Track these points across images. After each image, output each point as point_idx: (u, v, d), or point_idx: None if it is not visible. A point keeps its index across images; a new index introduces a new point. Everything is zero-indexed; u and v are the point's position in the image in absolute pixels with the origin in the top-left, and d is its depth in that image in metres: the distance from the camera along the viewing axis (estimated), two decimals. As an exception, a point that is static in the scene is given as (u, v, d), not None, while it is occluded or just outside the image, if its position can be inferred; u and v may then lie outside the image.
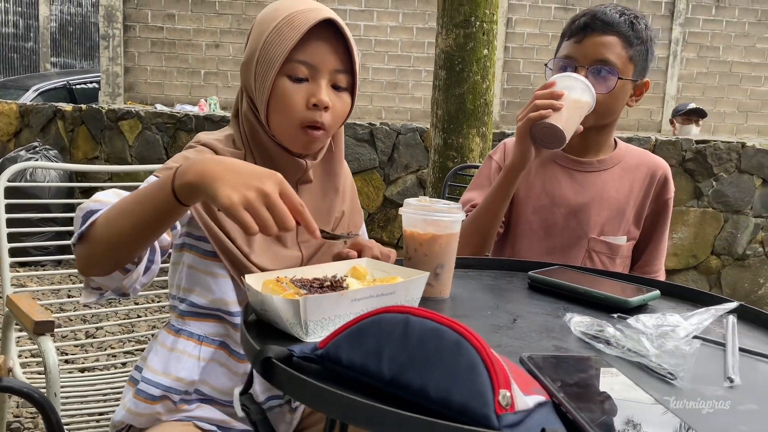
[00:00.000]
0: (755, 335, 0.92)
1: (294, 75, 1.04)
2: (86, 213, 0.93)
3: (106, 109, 4.26)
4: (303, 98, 1.04)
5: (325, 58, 1.04)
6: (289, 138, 1.08)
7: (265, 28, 1.05)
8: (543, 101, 1.24)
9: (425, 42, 6.53)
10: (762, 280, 4.20)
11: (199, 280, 1.08)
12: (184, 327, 1.10)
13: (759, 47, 7.11)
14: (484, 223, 1.40)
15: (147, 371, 1.10)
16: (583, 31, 1.38)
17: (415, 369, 0.61)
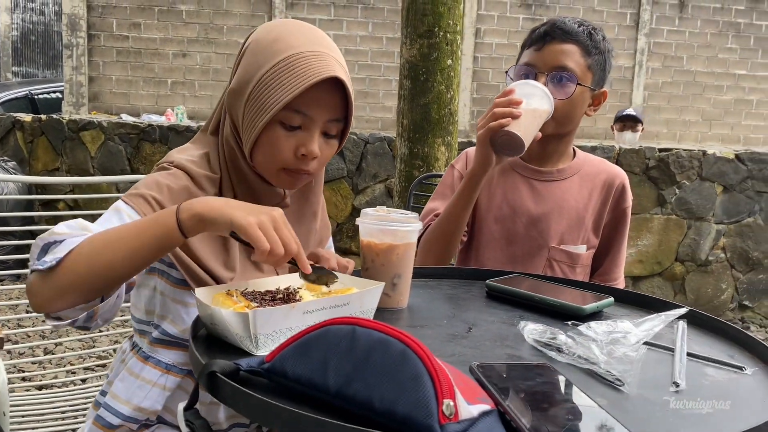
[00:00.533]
0: (704, 340, 0.94)
1: (288, 123, 1.01)
2: (46, 245, 0.90)
3: (67, 119, 4.19)
4: (293, 147, 1.02)
5: (323, 110, 1.01)
6: (270, 177, 1.06)
7: (261, 62, 1.01)
8: (502, 109, 1.25)
9: (395, 51, 6.57)
10: (724, 285, 4.29)
11: (171, 308, 1.06)
12: (153, 354, 1.07)
13: (721, 57, 7.29)
14: (447, 231, 1.40)
15: (110, 397, 1.07)
16: (543, 39, 1.40)
17: (360, 381, 0.60)
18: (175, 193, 1.01)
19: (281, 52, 0.99)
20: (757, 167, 4.21)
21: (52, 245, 0.90)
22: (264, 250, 0.83)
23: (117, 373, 1.11)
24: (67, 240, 0.89)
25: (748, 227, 4.26)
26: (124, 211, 0.97)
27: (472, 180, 1.34)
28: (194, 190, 1.03)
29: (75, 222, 0.94)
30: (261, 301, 0.87)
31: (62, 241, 0.89)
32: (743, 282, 4.31)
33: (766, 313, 4.34)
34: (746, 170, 4.20)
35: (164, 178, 1.02)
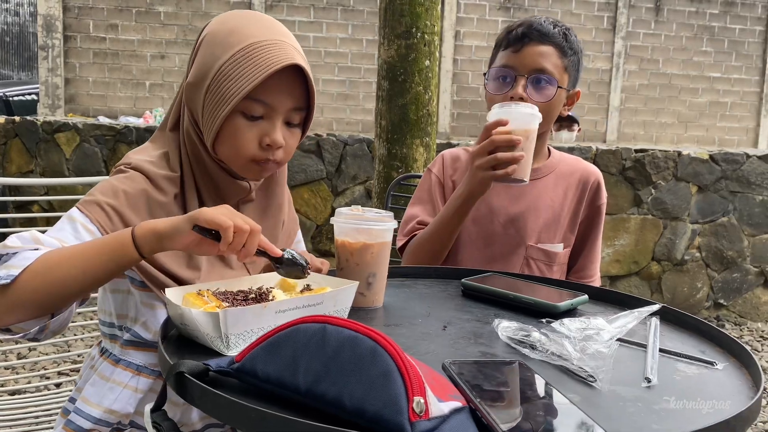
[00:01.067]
0: (676, 336, 0.95)
1: (249, 113, 1.00)
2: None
3: (42, 120, 4.12)
4: (256, 137, 1.01)
5: (284, 98, 1.01)
6: (238, 168, 1.05)
7: (218, 53, 1.00)
8: (505, 155, 1.21)
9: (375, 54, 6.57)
10: (700, 284, 4.34)
11: (142, 311, 1.04)
12: (125, 357, 1.06)
13: (696, 60, 7.40)
14: (438, 244, 1.40)
15: (80, 402, 1.05)
16: (520, 41, 1.39)
17: (330, 379, 0.59)
18: (131, 197, 1.00)
19: (239, 43, 0.99)
20: (731, 168, 4.28)
21: (3, 257, 0.88)
22: (227, 227, 0.83)
23: (87, 378, 1.09)
24: (20, 253, 0.88)
25: (723, 227, 4.32)
26: (78, 220, 0.96)
27: (469, 202, 1.32)
28: (152, 192, 1.01)
29: (27, 234, 0.92)
30: (233, 301, 0.86)
31: (15, 254, 0.87)
32: (718, 281, 4.37)
33: (740, 311, 4.41)
34: (720, 170, 4.27)
35: (121, 183, 1.00)
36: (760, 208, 4.34)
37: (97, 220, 0.96)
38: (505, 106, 1.26)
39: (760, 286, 4.42)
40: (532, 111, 1.25)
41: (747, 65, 7.46)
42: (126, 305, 1.06)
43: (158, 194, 1.02)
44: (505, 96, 1.39)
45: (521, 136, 1.22)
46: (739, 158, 4.29)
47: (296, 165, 4.00)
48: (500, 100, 1.39)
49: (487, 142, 1.23)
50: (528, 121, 1.25)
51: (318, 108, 6.78)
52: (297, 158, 4.00)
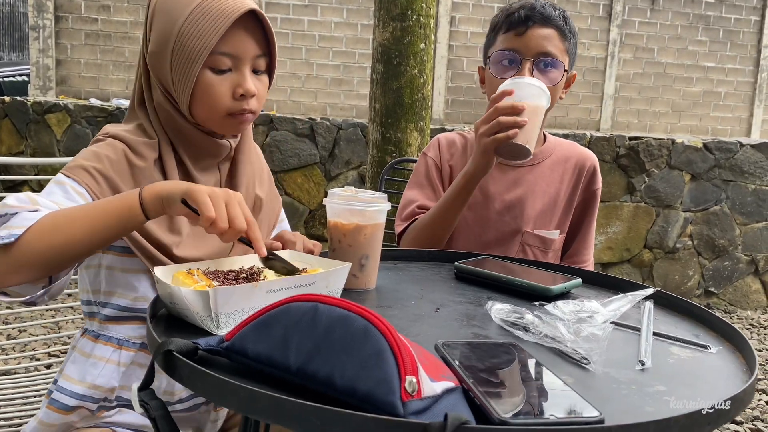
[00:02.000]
0: (670, 320, 0.94)
1: (217, 67, 1.02)
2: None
3: (32, 101, 4.07)
4: (228, 89, 1.03)
5: (247, 46, 1.03)
6: (216, 125, 1.06)
7: (174, 17, 1.01)
8: (507, 119, 1.21)
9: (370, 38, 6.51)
10: (691, 272, 4.36)
11: (120, 280, 1.04)
12: (104, 332, 1.06)
13: (691, 49, 7.40)
14: (439, 229, 1.39)
15: (62, 380, 1.04)
16: (524, 24, 1.38)
17: (321, 358, 0.59)
18: (114, 162, 1.01)
19: (192, 2, 1.00)
20: (724, 156, 4.29)
21: (2, 218, 0.87)
22: (208, 216, 0.83)
23: (68, 357, 1.09)
24: (20, 214, 0.87)
25: (715, 215, 4.34)
26: (67, 183, 0.96)
27: (471, 181, 1.31)
28: (132, 157, 1.03)
29: (24, 195, 0.92)
30: (223, 281, 0.84)
31: (14, 214, 0.87)
32: (709, 269, 4.39)
33: (730, 299, 4.44)
34: (714, 159, 4.27)
35: (102, 149, 1.02)
36: (752, 197, 4.35)
37: (85, 183, 0.97)
38: (515, 79, 1.27)
39: (750, 275, 4.45)
40: (541, 86, 1.25)
41: (741, 55, 7.46)
42: (98, 280, 1.06)
43: (138, 159, 1.03)
44: None
45: (526, 108, 1.22)
46: (732, 147, 4.29)
47: (290, 149, 3.97)
48: None
49: (491, 110, 1.24)
50: (535, 94, 1.24)
51: (312, 93, 6.73)
52: (290, 142, 3.98)
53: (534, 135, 1.24)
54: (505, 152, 1.26)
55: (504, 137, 1.21)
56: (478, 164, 1.29)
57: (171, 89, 1.04)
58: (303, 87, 6.82)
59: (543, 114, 1.27)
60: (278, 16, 6.59)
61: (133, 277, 1.04)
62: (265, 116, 4.03)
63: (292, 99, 6.75)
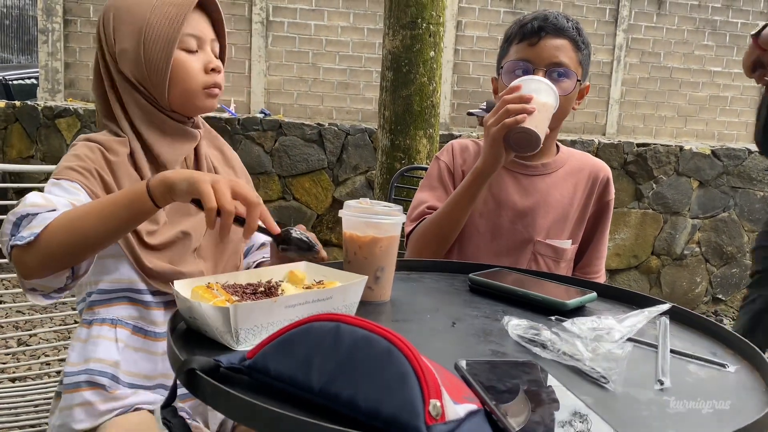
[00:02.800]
0: (686, 336, 0.94)
1: (188, 48, 1.14)
2: (20, 218, 0.96)
3: (42, 106, 4.09)
4: (200, 66, 1.15)
5: (205, 29, 1.17)
6: (194, 102, 1.16)
7: (140, 12, 1.12)
8: (515, 106, 1.23)
9: (376, 43, 6.54)
10: (699, 278, 4.35)
11: (102, 266, 1.11)
12: (96, 316, 1.12)
13: (697, 54, 7.38)
14: (446, 227, 1.39)
15: (67, 367, 1.11)
16: (537, 35, 1.38)
17: (344, 379, 0.59)
18: (93, 159, 1.10)
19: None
20: (733, 163, 4.28)
21: (26, 219, 0.96)
22: (211, 207, 0.88)
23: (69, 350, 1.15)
24: (41, 214, 0.96)
25: (723, 222, 4.32)
26: (61, 183, 1.05)
27: (480, 177, 1.32)
28: (107, 153, 1.12)
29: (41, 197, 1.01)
30: (242, 295, 0.85)
31: (35, 215, 0.96)
32: (717, 276, 4.38)
33: (738, 306, 4.42)
34: (722, 166, 4.26)
35: (79, 150, 1.11)
36: (760, 204, 4.34)
37: (76, 179, 1.06)
38: (524, 77, 1.30)
39: (758, 282, 4.43)
40: (549, 84, 1.27)
41: (749, 60, 7.43)
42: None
43: (112, 155, 1.12)
44: None
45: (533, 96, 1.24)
46: (740, 154, 4.28)
47: (298, 154, 3.98)
48: None
49: (499, 104, 1.26)
50: (543, 90, 1.26)
51: (318, 96, 6.74)
52: (299, 147, 3.98)
53: (543, 127, 1.25)
54: (514, 141, 1.27)
55: (512, 121, 1.23)
56: (487, 158, 1.30)
57: (145, 81, 1.13)
58: (310, 91, 6.83)
59: (551, 112, 1.28)
60: (285, 20, 6.61)
61: (113, 261, 1.11)
62: (273, 121, 4.04)
63: (299, 103, 6.76)
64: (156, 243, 1.12)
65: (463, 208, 1.36)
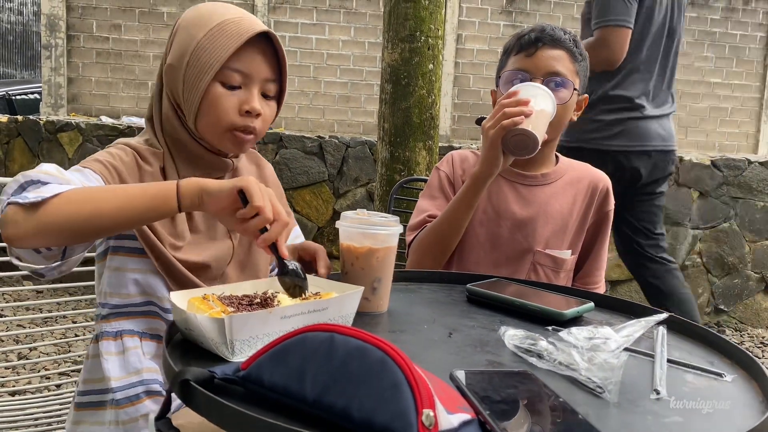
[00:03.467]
0: (683, 346, 0.94)
1: (228, 82, 1.07)
2: (29, 181, 0.91)
3: (45, 120, 4.12)
4: (236, 105, 1.07)
5: (259, 67, 1.08)
6: (218, 140, 1.11)
7: (194, 33, 1.06)
8: (513, 109, 1.25)
9: (377, 56, 6.56)
10: (700, 289, 4.33)
11: (126, 279, 1.08)
12: (121, 327, 1.10)
13: (697, 65, 7.40)
14: (446, 234, 1.40)
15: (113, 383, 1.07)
16: (534, 45, 1.41)
17: (338, 389, 0.59)
18: (125, 162, 1.07)
19: (213, 21, 1.06)
20: (733, 173, 4.27)
21: (34, 184, 0.91)
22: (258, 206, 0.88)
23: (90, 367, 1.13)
24: (51, 184, 0.91)
25: (724, 233, 4.31)
26: (85, 171, 1.01)
27: (478, 182, 1.33)
28: (141, 163, 1.09)
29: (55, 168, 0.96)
30: (238, 306, 0.85)
31: (46, 183, 0.91)
32: (719, 286, 4.36)
33: (741, 317, 4.40)
34: (722, 176, 4.26)
35: (113, 150, 1.08)
36: (761, 214, 4.33)
37: (99, 172, 1.02)
38: (522, 83, 1.32)
39: (761, 292, 4.41)
40: (547, 90, 1.29)
41: (748, 71, 7.45)
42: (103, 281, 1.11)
43: (146, 164, 1.09)
44: None
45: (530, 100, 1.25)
46: (740, 164, 4.28)
47: (298, 167, 3.99)
48: None
49: (497, 107, 1.27)
50: (540, 95, 1.27)
51: (319, 110, 6.77)
52: (299, 160, 4.00)
53: (541, 132, 1.26)
54: (512, 144, 1.27)
55: (510, 123, 1.24)
56: (484, 161, 1.31)
57: (180, 101, 1.09)
58: (311, 104, 6.87)
59: (548, 118, 1.29)
60: (287, 34, 6.66)
61: (141, 276, 1.08)
62: (274, 134, 4.06)
63: (300, 116, 6.79)
64: (186, 258, 1.09)
65: (462, 215, 1.37)
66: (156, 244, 1.05)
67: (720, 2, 7.33)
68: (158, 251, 1.06)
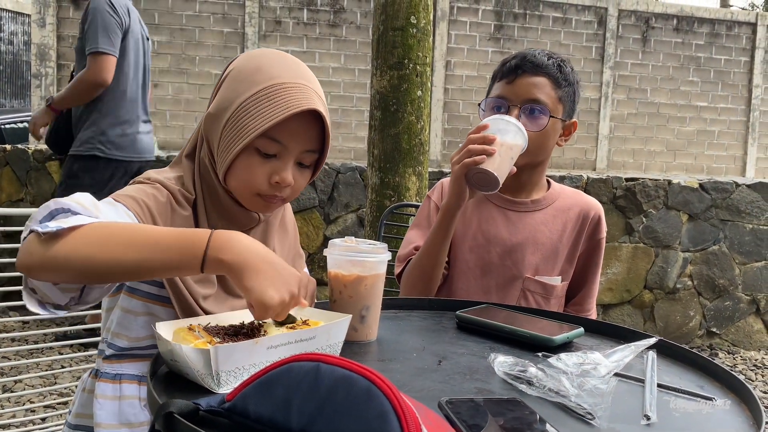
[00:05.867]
0: (673, 370, 0.93)
1: (264, 150, 1.01)
2: (59, 209, 0.86)
3: (33, 149, 4.10)
4: (267, 174, 1.02)
5: (299, 140, 1.03)
6: (244, 201, 1.07)
7: (242, 90, 1.01)
8: (476, 146, 1.26)
9: (367, 83, 6.61)
10: (692, 312, 4.34)
11: (137, 323, 1.04)
12: (122, 370, 1.05)
13: (683, 90, 7.51)
14: (427, 265, 1.40)
15: (102, 430, 1.02)
16: (514, 72, 1.41)
17: (324, 420, 0.58)
18: (160, 203, 1.01)
19: (263, 82, 1.00)
20: (721, 196, 4.31)
21: (63, 213, 0.86)
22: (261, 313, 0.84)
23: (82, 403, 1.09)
24: (80, 215, 0.86)
25: (714, 255, 4.33)
26: (118, 206, 0.96)
27: (447, 214, 1.34)
28: (174, 205, 1.04)
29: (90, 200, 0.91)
30: (224, 337, 0.84)
31: (76, 213, 0.86)
32: (710, 309, 4.37)
33: (733, 339, 4.40)
34: (710, 199, 4.29)
35: (148, 189, 1.02)
36: (750, 237, 4.36)
37: (134, 209, 0.96)
38: (494, 116, 1.32)
39: (752, 315, 4.42)
40: (518, 125, 1.29)
41: (733, 95, 7.57)
42: (111, 318, 1.07)
43: (177, 208, 1.04)
44: None
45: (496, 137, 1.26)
46: (728, 187, 4.32)
47: (288, 193, 4.00)
48: None
49: (465, 141, 1.29)
50: (510, 131, 1.28)
51: (310, 136, 6.80)
52: (289, 187, 4.00)
53: (504, 168, 1.26)
54: (474, 180, 1.29)
55: (471, 162, 1.25)
56: (451, 194, 1.32)
57: (215, 153, 1.05)
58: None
59: (517, 152, 1.29)
60: (277, 62, 6.71)
61: (151, 320, 1.02)
62: (264, 161, 4.06)
63: (291, 143, 6.81)
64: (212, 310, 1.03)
65: (438, 246, 1.38)
66: (183, 292, 1.00)
67: (704, 28, 7.47)
68: (185, 301, 1.00)
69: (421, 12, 2.59)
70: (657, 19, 7.60)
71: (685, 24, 7.55)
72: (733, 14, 7.83)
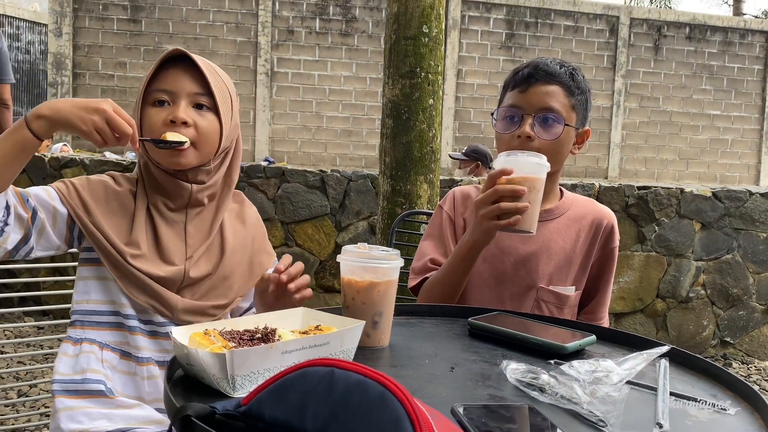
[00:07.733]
0: (686, 379, 0.93)
1: (157, 99, 1.20)
2: None
3: (49, 156, 4.16)
4: (162, 118, 1.19)
5: (181, 82, 1.20)
6: (159, 156, 1.20)
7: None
8: (509, 205, 1.20)
9: (378, 91, 6.65)
10: (705, 321, 4.30)
11: (93, 286, 1.21)
12: (84, 335, 1.19)
13: (696, 98, 7.48)
14: (448, 289, 1.40)
15: (57, 376, 1.17)
16: (527, 81, 1.41)
17: (338, 424, 0.59)
18: (93, 183, 1.21)
19: None
20: (734, 205, 4.28)
21: None
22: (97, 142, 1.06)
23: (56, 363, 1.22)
24: None
25: (727, 264, 4.30)
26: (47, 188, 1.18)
27: (474, 249, 1.32)
28: (111, 184, 1.23)
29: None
30: (239, 341, 0.85)
31: None
32: (724, 318, 4.33)
33: (747, 349, 4.36)
34: (723, 208, 4.27)
35: (92, 176, 1.23)
36: (764, 246, 4.32)
37: (57, 188, 1.18)
38: (511, 155, 1.24)
39: (766, 324, 4.38)
40: (539, 160, 1.23)
41: (746, 103, 7.53)
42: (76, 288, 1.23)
43: (116, 186, 1.24)
44: (513, 135, 1.40)
45: (526, 186, 1.20)
46: (742, 195, 4.29)
47: (300, 201, 4.01)
48: (508, 139, 1.40)
49: (491, 191, 1.22)
50: (534, 171, 1.23)
51: (322, 144, 6.84)
52: (301, 193, 4.02)
53: (536, 212, 1.23)
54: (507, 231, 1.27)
55: (506, 224, 1.21)
56: (478, 239, 1.29)
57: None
58: (313, 138, 6.94)
59: (542, 187, 1.25)
60: (289, 71, 6.76)
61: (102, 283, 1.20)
62: (276, 168, 4.09)
63: (303, 150, 6.86)
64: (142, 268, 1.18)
65: (461, 274, 1.37)
66: (108, 249, 1.17)
67: (716, 36, 7.44)
68: (111, 257, 1.18)
69: (433, 21, 2.60)
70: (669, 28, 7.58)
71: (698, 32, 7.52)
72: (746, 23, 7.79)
